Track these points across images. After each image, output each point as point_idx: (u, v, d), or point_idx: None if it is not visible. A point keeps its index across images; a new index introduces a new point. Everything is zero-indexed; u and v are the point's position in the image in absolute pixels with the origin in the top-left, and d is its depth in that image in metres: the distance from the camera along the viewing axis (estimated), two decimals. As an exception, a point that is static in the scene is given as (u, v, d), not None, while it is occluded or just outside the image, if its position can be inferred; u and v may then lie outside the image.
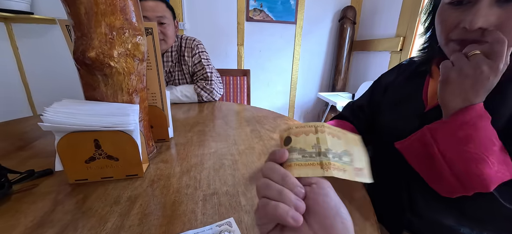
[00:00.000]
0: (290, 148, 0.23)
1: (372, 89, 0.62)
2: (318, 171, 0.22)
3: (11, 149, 0.55)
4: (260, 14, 2.03)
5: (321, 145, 0.23)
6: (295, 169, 0.22)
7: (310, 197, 0.20)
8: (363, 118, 0.61)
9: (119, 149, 0.41)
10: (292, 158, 0.23)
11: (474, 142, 0.32)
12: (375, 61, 2.03)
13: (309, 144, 0.23)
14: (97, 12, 0.36)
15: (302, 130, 0.24)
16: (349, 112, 0.64)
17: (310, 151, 0.23)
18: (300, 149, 0.23)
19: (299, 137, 0.24)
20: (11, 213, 0.34)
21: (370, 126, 0.59)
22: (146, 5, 0.89)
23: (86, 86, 0.41)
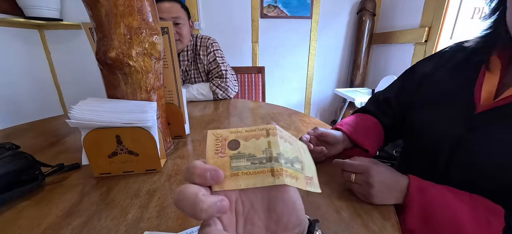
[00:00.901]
0: (237, 153, 0.21)
1: (402, 81, 0.53)
2: (269, 179, 0.19)
3: (44, 145, 0.60)
4: (274, 10, 2.01)
5: (272, 149, 0.21)
6: (242, 179, 0.19)
7: (266, 194, 0.19)
8: (390, 114, 0.54)
9: (139, 145, 0.42)
10: (240, 166, 0.20)
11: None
12: (397, 54, 1.92)
13: (260, 149, 0.21)
14: (116, 13, 0.37)
15: (253, 133, 0.22)
16: (374, 106, 0.57)
17: (260, 156, 0.20)
18: (249, 155, 0.20)
19: (249, 141, 0.21)
20: (44, 203, 0.37)
21: (399, 123, 0.53)
22: (161, 7, 0.91)
23: (108, 85, 0.43)
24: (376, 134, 0.52)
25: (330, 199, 0.38)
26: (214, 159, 0.20)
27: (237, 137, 0.21)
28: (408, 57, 1.78)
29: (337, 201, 0.37)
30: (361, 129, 0.51)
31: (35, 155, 0.55)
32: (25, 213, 0.35)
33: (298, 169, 0.22)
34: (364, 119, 0.54)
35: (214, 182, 0.18)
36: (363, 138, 0.49)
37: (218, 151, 0.20)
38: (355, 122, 0.52)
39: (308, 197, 0.38)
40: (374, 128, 0.53)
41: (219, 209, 0.16)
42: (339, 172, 0.41)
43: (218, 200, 0.16)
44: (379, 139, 0.52)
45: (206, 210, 0.16)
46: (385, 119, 0.54)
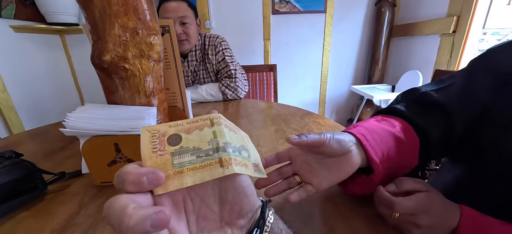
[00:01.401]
0: (179, 148, 0.18)
1: (468, 80, 0.35)
2: (218, 170, 0.18)
3: (53, 149, 0.60)
4: (286, 6, 1.95)
5: (218, 139, 0.19)
6: (188, 176, 0.17)
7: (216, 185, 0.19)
8: (443, 121, 0.34)
9: (138, 152, 0.40)
10: (184, 161, 0.18)
11: None
12: (420, 47, 1.78)
13: (205, 140, 0.19)
14: (110, 13, 0.35)
15: (195, 124, 0.20)
16: (410, 110, 0.37)
17: (206, 148, 0.19)
18: (194, 148, 0.19)
19: (192, 133, 0.19)
20: (42, 214, 0.36)
21: (459, 138, 0.35)
22: (168, 6, 0.90)
23: (106, 90, 0.41)
24: (407, 151, 0.33)
25: (347, 220, 0.33)
26: (152, 159, 0.18)
27: (178, 131, 0.19)
28: (433, 50, 1.63)
29: (355, 222, 0.32)
30: (388, 141, 0.32)
31: (43, 160, 0.55)
32: (22, 225, 0.34)
33: (245, 156, 0.21)
34: (390, 125, 0.34)
35: (154, 186, 0.16)
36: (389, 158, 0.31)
37: (156, 149, 0.18)
38: (379, 128, 0.33)
39: (322, 216, 0.33)
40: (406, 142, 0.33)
41: (155, 223, 0.13)
42: (374, 200, 0.31)
43: (153, 212, 0.13)
44: (410, 158, 0.34)
45: (133, 227, 0.13)
46: (434, 127, 0.34)
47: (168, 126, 0.19)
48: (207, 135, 0.19)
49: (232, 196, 0.19)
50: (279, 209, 0.34)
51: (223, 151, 0.19)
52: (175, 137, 0.19)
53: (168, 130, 0.19)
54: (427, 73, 1.65)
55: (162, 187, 0.17)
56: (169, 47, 0.50)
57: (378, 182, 0.30)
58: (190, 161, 0.18)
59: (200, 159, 0.18)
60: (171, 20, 0.46)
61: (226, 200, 0.19)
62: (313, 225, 0.32)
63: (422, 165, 0.48)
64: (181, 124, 0.20)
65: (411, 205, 0.28)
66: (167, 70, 0.53)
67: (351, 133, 0.30)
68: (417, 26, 1.75)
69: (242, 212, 0.19)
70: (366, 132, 0.31)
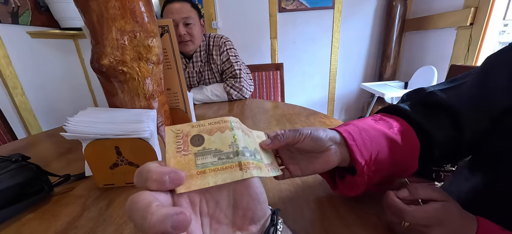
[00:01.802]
0: (202, 149, 0.19)
1: (482, 78, 0.31)
2: (237, 173, 0.19)
3: (61, 152, 0.62)
4: (293, 3, 1.92)
5: (238, 143, 0.20)
6: (210, 177, 0.18)
7: (232, 190, 0.19)
8: (450, 124, 0.32)
9: (138, 156, 0.40)
10: (206, 162, 0.18)
11: None
12: (434, 42, 1.70)
13: (226, 143, 0.20)
14: (107, 17, 0.35)
15: (217, 126, 0.21)
16: (414, 110, 0.34)
17: (227, 151, 0.19)
18: (216, 150, 0.19)
19: (214, 135, 0.20)
20: (46, 216, 0.37)
21: (469, 143, 0.31)
22: (171, 8, 0.90)
23: (106, 93, 0.41)
24: (403, 155, 0.31)
25: (350, 228, 0.31)
26: (176, 158, 0.18)
27: (200, 132, 0.20)
28: (449, 44, 1.55)
29: (359, 230, 0.30)
30: (379, 143, 0.30)
31: (52, 162, 0.57)
32: (27, 227, 0.35)
33: (259, 159, 0.22)
34: (388, 126, 0.32)
35: (175, 185, 0.16)
36: (379, 160, 0.29)
37: (180, 149, 0.19)
38: (372, 129, 0.31)
39: (323, 224, 0.32)
40: (403, 145, 0.31)
41: (175, 225, 0.13)
42: (383, 205, 0.29)
43: (174, 212, 0.13)
44: (407, 162, 0.32)
45: (154, 224, 0.13)
46: (437, 132, 0.32)
47: (191, 126, 0.20)
48: (228, 138, 0.20)
49: (246, 201, 0.19)
50: (282, 214, 0.33)
51: (242, 155, 0.20)
52: (198, 137, 0.20)
53: (191, 130, 0.20)
54: (443, 69, 1.57)
55: (185, 186, 0.17)
56: (169, 47, 0.50)
57: (363, 183, 0.29)
58: (212, 162, 0.19)
59: (221, 161, 0.19)
60: (170, 20, 0.46)
61: (240, 206, 0.19)
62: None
63: (429, 169, 0.45)
64: (203, 124, 0.21)
65: (423, 216, 0.26)
66: (167, 71, 0.52)
67: (339, 131, 0.29)
68: (431, 19, 1.67)
69: (254, 218, 0.19)
70: (356, 131, 0.30)
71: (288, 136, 0.27)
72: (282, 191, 0.38)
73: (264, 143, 0.27)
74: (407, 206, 0.26)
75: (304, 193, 0.38)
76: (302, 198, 0.36)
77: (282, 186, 0.40)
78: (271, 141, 0.27)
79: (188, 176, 0.18)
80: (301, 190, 0.38)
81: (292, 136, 0.27)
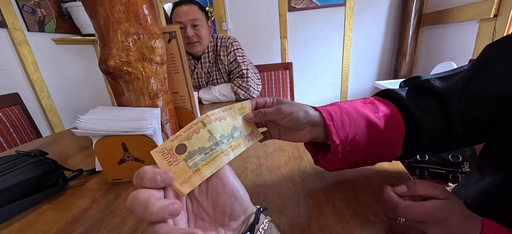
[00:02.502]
0: (188, 154, 0.22)
1: (479, 66, 0.30)
2: (224, 158, 0.23)
3: (78, 148, 0.66)
4: (303, 2, 1.90)
5: (215, 134, 0.24)
6: (204, 170, 0.22)
7: (209, 186, 0.22)
8: (440, 112, 0.32)
9: (143, 152, 0.42)
10: (196, 161, 0.22)
11: None
12: (454, 36, 1.61)
13: (204, 139, 0.23)
14: (113, 21, 0.37)
15: (191, 130, 0.24)
16: (407, 96, 0.34)
17: (209, 145, 0.23)
18: (200, 149, 0.23)
19: (192, 138, 0.23)
20: (60, 207, 0.40)
21: (462, 133, 0.31)
22: (179, 10, 0.93)
23: (114, 93, 0.43)
24: (384, 139, 0.32)
25: (347, 225, 0.30)
26: (172, 171, 0.21)
27: (180, 141, 0.23)
28: (470, 38, 1.46)
29: (356, 227, 0.30)
30: (359, 126, 0.31)
31: (69, 158, 0.61)
32: (43, 216, 0.38)
33: (238, 136, 0.27)
34: (374, 110, 0.33)
35: (165, 183, 0.19)
36: (356, 141, 0.31)
37: (171, 162, 0.22)
38: (355, 111, 0.32)
39: (320, 220, 0.31)
40: (384, 129, 0.32)
41: (171, 212, 0.17)
42: (380, 201, 0.29)
43: (169, 203, 0.17)
44: (388, 146, 0.32)
45: (156, 212, 0.17)
46: (426, 118, 0.32)
47: (170, 140, 0.23)
48: (204, 135, 0.24)
49: (223, 199, 0.21)
50: (278, 211, 0.33)
51: (221, 143, 0.24)
52: (181, 146, 0.23)
53: (171, 144, 0.23)
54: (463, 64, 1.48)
55: (188, 184, 0.21)
56: (176, 52, 0.52)
57: (337, 160, 0.31)
58: (202, 159, 0.22)
59: (208, 155, 0.23)
60: (177, 26, 0.48)
61: (218, 203, 0.21)
62: (311, 231, 0.30)
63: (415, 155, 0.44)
64: (179, 135, 0.23)
65: (419, 211, 0.25)
66: (175, 75, 0.54)
67: (320, 111, 0.32)
68: (451, 12, 1.58)
69: (233, 214, 0.21)
70: (337, 112, 0.31)
71: (269, 114, 0.30)
72: (281, 188, 0.38)
73: (247, 116, 0.31)
74: (402, 200, 0.26)
75: (302, 189, 0.38)
76: (300, 195, 0.36)
77: (281, 183, 0.40)
78: (254, 116, 0.31)
79: (187, 177, 0.21)
80: (300, 187, 0.38)
81: (273, 114, 0.30)
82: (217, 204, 0.21)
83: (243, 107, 0.31)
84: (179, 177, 0.21)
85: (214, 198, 0.21)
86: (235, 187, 0.22)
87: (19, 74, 1.49)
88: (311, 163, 0.46)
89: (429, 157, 0.87)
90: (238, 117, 0.29)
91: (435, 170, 0.87)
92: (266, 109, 0.31)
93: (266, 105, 0.33)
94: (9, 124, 0.93)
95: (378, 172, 0.41)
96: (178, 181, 0.21)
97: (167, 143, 0.23)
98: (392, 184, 0.37)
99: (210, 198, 0.21)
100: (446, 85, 0.32)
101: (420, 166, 0.90)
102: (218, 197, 0.21)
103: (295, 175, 0.42)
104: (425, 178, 0.90)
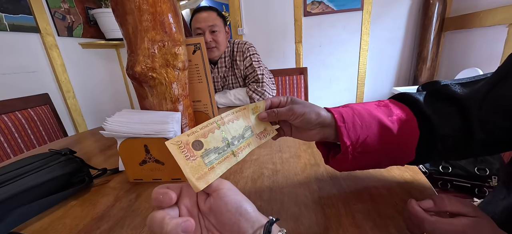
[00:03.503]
0: (204, 151, 0.24)
1: (504, 73, 0.29)
2: (233, 159, 0.25)
3: (102, 148, 0.69)
4: (319, 6, 1.89)
5: (227, 136, 0.26)
6: (218, 168, 0.23)
7: (212, 207, 0.22)
8: (459, 118, 0.31)
9: (164, 154, 0.44)
10: (211, 160, 0.23)
11: None
12: (481, 41, 1.52)
13: (219, 140, 0.25)
14: (141, 29, 0.39)
15: (207, 129, 0.25)
16: (425, 100, 0.33)
17: (222, 146, 0.25)
18: (215, 148, 0.24)
19: (208, 137, 0.25)
20: (86, 204, 0.42)
21: (483, 142, 0.30)
22: (199, 17, 0.96)
23: (139, 97, 0.46)
24: (397, 143, 0.31)
25: (366, 234, 0.30)
26: (189, 165, 0.22)
27: (196, 137, 0.24)
28: (498, 43, 1.38)
29: (376, 238, 0.29)
30: (370, 128, 0.31)
31: (94, 156, 0.65)
32: (71, 211, 0.40)
33: (249, 135, 0.29)
34: (387, 113, 0.32)
35: (167, 202, 0.21)
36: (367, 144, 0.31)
37: (188, 156, 0.23)
38: (368, 114, 0.32)
39: (338, 231, 0.31)
40: (397, 134, 0.31)
41: (184, 229, 0.19)
42: (404, 215, 0.29)
43: (182, 221, 0.19)
44: (401, 150, 0.32)
45: (170, 231, 0.18)
46: (443, 124, 0.31)
47: (186, 135, 0.24)
48: (219, 136, 0.26)
49: (227, 218, 0.21)
50: (295, 219, 0.33)
51: (232, 144, 0.26)
52: (197, 142, 0.24)
53: (188, 138, 0.24)
54: (490, 71, 1.40)
55: (204, 180, 0.22)
56: (200, 63, 0.53)
57: (348, 161, 0.32)
58: (215, 158, 0.24)
59: (220, 155, 0.24)
60: (202, 38, 0.49)
61: (224, 222, 0.21)
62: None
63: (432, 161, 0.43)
64: (195, 130, 0.25)
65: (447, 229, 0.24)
66: (199, 84, 0.56)
67: (332, 112, 0.32)
68: (477, 16, 1.50)
69: (241, 231, 0.21)
70: (349, 113, 0.32)
71: (282, 113, 0.32)
72: (297, 195, 0.38)
73: (261, 115, 0.33)
74: (429, 216, 0.25)
75: (320, 197, 0.37)
76: (318, 203, 0.36)
77: (297, 190, 0.40)
78: (268, 115, 0.33)
79: (203, 173, 0.23)
80: (317, 195, 0.38)
81: (286, 114, 0.32)
82: (224, 223, 0.21)
83: (257, 107, 0.32)
84: (196, 173, 0.22)
85: (219, 217, 0.21)
86: (238, 203, 0.21)
87: (49, 76, 1.60)
88: (328, 170, 0.45)
89: (453, 169, 0.83)
90: (251, 116, 0.30)
91: (460, 183, 0.82)
92: (279, 109, 0.32)
93: (280, 105, 0.34)
94: (39, 122, 1.00)
95: (399, 183, 0.40)
96: (195, 177, 0.22)
97: (183, 136, 0.24)
98: (415, 196, 0.36)
99: (215, 217, 0.22)
100: (467, 92, 0.31)
101: (443, 178, 0.86)
102: (222, 216, 0.21)
103: (312, 182, 0.42)
104: (448, 191, 0.85)
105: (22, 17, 1.41)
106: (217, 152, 0.24)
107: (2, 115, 0.89)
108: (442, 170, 0.85)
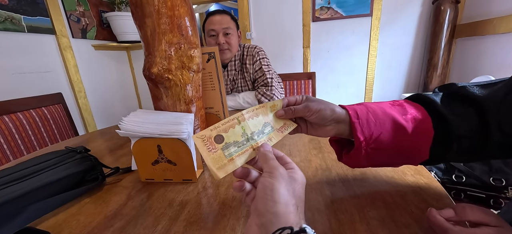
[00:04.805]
0: (225, 144, 0.26)
1: None
2: (252, 153, 0.28)
3: (112, 148, 0.71)
4: (327, 12, 1.89)
5: (246, 131, 0.28)
6: (237, 160, 0.26)
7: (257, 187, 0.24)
8: (476, 119, 0.30)
9: (176, 155, 0.44)
10: (231, 152, 0.26)
11: None
12: (494, 48, 1.49)
13: (239, 135, 0.28)
14: (159, 32, 0.40)
15: (228, 124, 0.28)
16: (442, 101, 0.33)
17: (242, 140, 0.28)
18: (234, 142, 0.27)
19: (229, 132, 0.27)
20: (99, 202, 0.43)
21: (499, 143, 0.29)
22: (213, 19, 0.98)
23: (153, 98, 0.46)
24: (411, 141, 0.31)
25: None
26: (210, 157, 0.25)
27: (219, 132, 0.27)
28: None
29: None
30: (384, 126, 0.31)
31: (105, 156, 0.66)
32: (85, 209, 0.41)
33: (268, 131, 0.31)
34: (402, 112, 0.33)
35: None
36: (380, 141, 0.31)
37: (210, 149, 0.26)
38: (382, 112, 0.32)
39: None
40: (412, 132, 0.31)
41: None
42: (425, 224, 0.29)
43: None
44: (414, 149, 0.32)
45: None
46: (460, 124, 0.30)
47: (209, 130, 0.27)
48: (239, 131, 0.28)
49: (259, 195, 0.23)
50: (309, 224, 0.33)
51: (252, 139, 0.28)
52: (219, 137, 0.27)
53: (211, 133, 0.27)
54: (505, 80, 1.36)
55: (223, 170, 0.25)
56: (214, 71, 0.54)
57: (361, 157, 0.32)
58: (235, 151, 0.27)
59: (240, 148, 0.27)
60: (216, 47, 0.50)
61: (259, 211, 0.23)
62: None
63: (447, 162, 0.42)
64: (218, 126, 0.27)
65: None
66: (212, 91, 0.56)
67: (347, 109, 0.33)
68: (490, 23, 1.47)
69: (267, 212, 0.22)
70: (363, 110, 0.33)
71: (298, 110, 0.33)
72: (310, 200, 0.38)
73: (278, 113, 0.34)
74: (452, 225, 0.24)
75: (333, 203, 0.37)
76: (331, 209, 0.35)
77: (309, 195, 0.39)
78: (285, 113, 0.34)
79: (223, 164, 0.25)
80: (330, 200, 0.37)
81: (302, 111, 0.33)
82: (257, 198, 0.23)
83: (275, 105, 0.34)
84: (216, 163, 0.25)
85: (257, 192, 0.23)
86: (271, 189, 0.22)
87: (62, 76, 1.64)
88: (339, 175, 0.45)
89: (467, 178, 0.80)
90: (269, 113, 0.32)
91: (474, 193, 0.80)
92: (296, 107, 0.34)
93: (296, 103, 0.35)
94: (52, 121, 1.03)
95: (413, 190, 0.39)
96: (215, 166, 0.25)
97: (206, 131, 0.27)
98: (431, 205, 0.35)
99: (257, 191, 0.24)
100: (485, 93, 0.31)
101: (456, 188, 0.83)
102: (257, 193, 0.23)
103: (324, 187, 0.41)
104: (462, 201, 0.83)
105: (40, 19, 1.46)
106: (237, 146, 0.27)
107: (17, 113, 0.91)
108: (456, 179, 0.82)
